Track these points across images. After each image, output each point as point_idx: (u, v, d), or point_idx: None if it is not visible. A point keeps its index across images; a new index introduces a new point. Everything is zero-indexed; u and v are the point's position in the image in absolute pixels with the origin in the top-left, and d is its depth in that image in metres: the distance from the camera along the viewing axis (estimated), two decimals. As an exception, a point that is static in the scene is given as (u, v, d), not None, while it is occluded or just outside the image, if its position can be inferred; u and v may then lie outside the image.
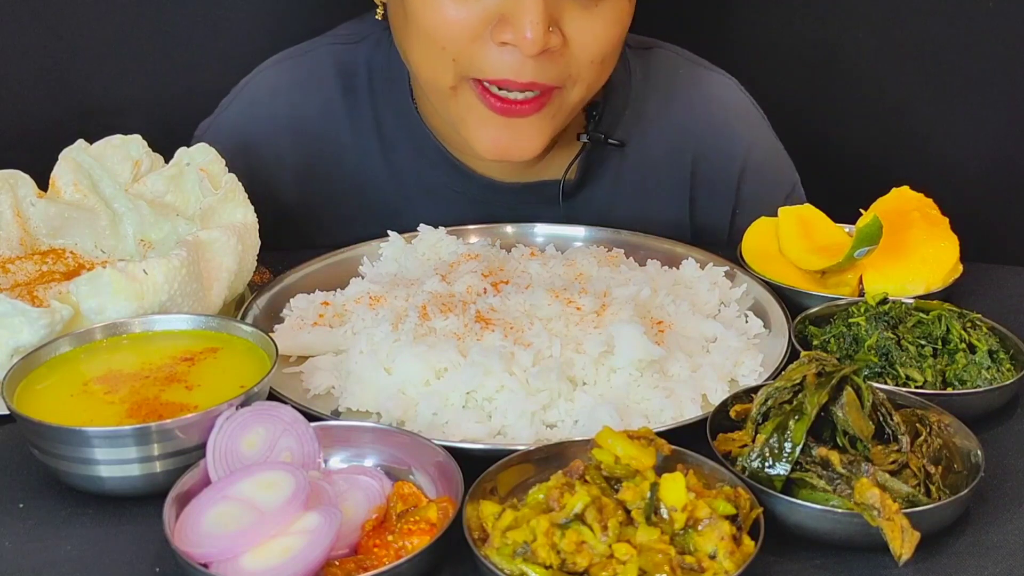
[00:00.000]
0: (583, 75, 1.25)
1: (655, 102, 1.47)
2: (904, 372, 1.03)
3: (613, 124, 1.44)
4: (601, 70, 1.28)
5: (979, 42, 1.83)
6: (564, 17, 1.21)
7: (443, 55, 1.22)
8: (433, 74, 1.26)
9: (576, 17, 1.21)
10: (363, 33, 1.44)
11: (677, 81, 1.49)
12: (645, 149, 1.46)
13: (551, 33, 1.18)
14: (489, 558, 0.75)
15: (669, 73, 1.49)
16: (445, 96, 1.27)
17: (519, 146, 1.27)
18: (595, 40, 1.23)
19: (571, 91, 1.27)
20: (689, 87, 1.49)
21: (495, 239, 1.32)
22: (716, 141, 1.48)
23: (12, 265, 1.10)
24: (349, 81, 1.43)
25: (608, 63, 1.28)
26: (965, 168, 1.88)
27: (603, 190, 1.46)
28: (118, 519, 0.86)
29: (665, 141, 1.47)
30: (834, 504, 0.82)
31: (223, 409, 0.86)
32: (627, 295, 1.12)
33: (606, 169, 1.46)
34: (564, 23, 1.21)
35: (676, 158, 1.48)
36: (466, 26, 1.19)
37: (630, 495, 0.78)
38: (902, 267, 1.20)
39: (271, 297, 1.17)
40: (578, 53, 1.23)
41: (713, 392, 1.02)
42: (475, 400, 0.98)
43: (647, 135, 1.46)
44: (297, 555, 0.75)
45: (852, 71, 1.91)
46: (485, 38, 1.20)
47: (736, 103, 1.52)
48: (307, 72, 1.44)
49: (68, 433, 0.84)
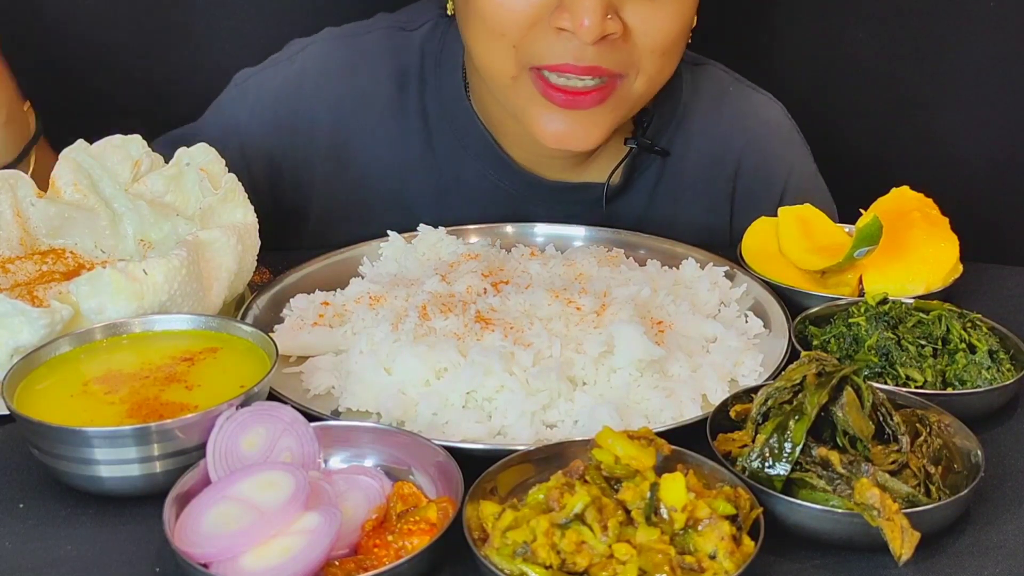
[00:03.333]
0: (645, 65, 1.26)
1: (702, 115, 1.48)
2: (904, 372, 1.03)
3: (659, 132, 1.46)
4: (664, 63, 1.28)
5: (980, 42, 1.83)
6: (625, 5, 1.21)
7: (503, 42, 1.24)
8: (494, 64, 1.27)
9: (637, 5, 1.22)
10: (420, 20, 1.45)
11: (725, 98, 1.50)
12: (687, 160, 1.48)
13: (610, 20, 1.19)
14: (489, 558, 0.75)
15: (718, 89, 1.50)
16: (506, 87, 1.29)
17: (580, 136, 1.28)
18: (657, 30, 1.24)
19: (634, 81, 1.28)
20: (736, 105, 1.51)
21: (495, 239, 1.32)
22: (759, 160, 1.49)
23: (12, 265, 1.10)
24: (400, 68, 1.44)
25: (671, 56, 1.29)
26: (965, 168, 1.88)
27: (642, 196, 1.47)
28: (118, 519, 0.86)
29: (708, 154, 1.48)
30: (834, 504, 0.82)
31: (223, 409, 0.86)
32: (627, 295, 1.12)
33: (647, 176, 1.48)
34: (624, 11, 1.22)
35: (717, 172, 1.49)
36: (525, 12, 1.21)
37: (630, 495, 0.78)
38: (902, 267, 1.20)
39: (271, 297, 1.17)
40: (639, 41, 1.24)
41: (713, 392, 1.02)
42: (475, 400, 0.98)
43: (691, 146, 1.47)
44: (297, 555, 0.75)
45: (852, 71, 1.91)
46: (544, 24, 1.21)
47: (780, 126, 1.53)
48: (360, 55, 1.44)
49: (68, 433, 0.84)
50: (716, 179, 1.49)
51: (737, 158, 1.49)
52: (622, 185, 1.46)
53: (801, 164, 1.53)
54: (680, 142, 1.47)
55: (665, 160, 1.47)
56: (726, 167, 1.49)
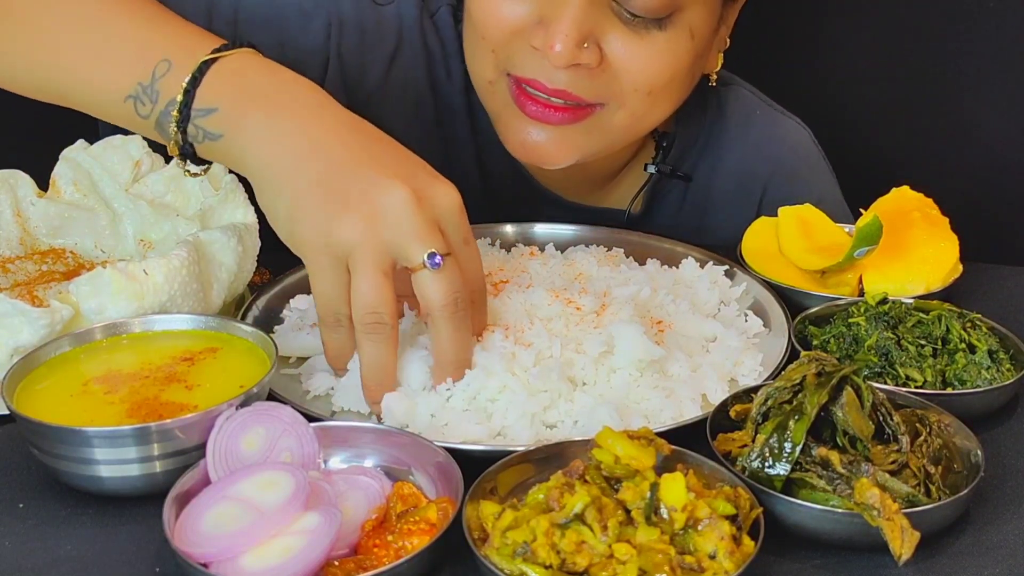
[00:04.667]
0: (627, 101, 1.21)
1: (727, 140, 1.45)
2: (904, 372, 1.03)
3: (683, 156, 1.43)
4: (651, 103, 1.22)
5: (980, 42, 1.83)
6: (607, 36, 1.17)
7: (483, 45, 1.22)
8: (475, 65, 1.26)
9: (621, 40, 1.17)
10: None
11: (752, 121, 1.47)
12: (711, 184, 1.45)
13: (586, 50, 1.15)
14: (489, 558, 0.75)
15: (745, 112, 1.47)
16: (485, 90, 1.27)
17: (549, 152, 1.24)
18: (640, 68, 1.19)
19: (615, 113, 1.23)
20: (763, 129, 1.47)
21: (495, 239, 1.32)
22: (785, 187, 1.46)
23: (12, 265, 1.10)
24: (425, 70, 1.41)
25: (661, 97, 1.23)
26: (965, 168, 1.89)
27: (664, 222, 1.45)
28: (118, 519, 0.86)
29: (733, 179, 1.45)
30: (834, 504, 0.82)
31: (223, 409, 0.86)
32: (627, 295, 1.12)
33: (669, 201, 1.46)
34: (606, 42, 1.17)
35: (742, 198, 1.46)
36: (508, 20, 1.19)
37: (630, 495, 0.78)
38: (902, 267, 1.20)
39: (271, 297, 1.17)
40: (620, 77, 1.19)
41: (713, 392, 1.02)
42: (476, 401, 0.98)
43: (716, 171, 1.45)
44: (297, 555, 0.75)
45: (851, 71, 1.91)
46: (523, 37, 1.19)
47: (808, 153, 1.50)
48: None
49: (68, 433, 0.84)
50: (741, 205, 1.46)
51: (764, 185, 1.46)
52: (644, 211, 1.44)
53: (828, 193, 1.49)
54: (704, 167, 1.44)
55: (688, 185, 1.44)
56: (752, 193, 1.46)
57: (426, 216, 0.93)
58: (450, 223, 0.95)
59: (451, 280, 0.93)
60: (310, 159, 0.95)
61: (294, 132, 0.96)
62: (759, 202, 1.47)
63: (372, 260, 0.91)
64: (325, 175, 0.94)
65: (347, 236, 0.91)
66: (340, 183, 0.93)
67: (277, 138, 0.96)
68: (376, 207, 0.91)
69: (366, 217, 0.91)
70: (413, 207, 0.92)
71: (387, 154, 0.97)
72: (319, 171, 0.94)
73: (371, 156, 0.95)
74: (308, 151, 0.95)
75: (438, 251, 0.92)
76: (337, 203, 0.92)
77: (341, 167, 0.94)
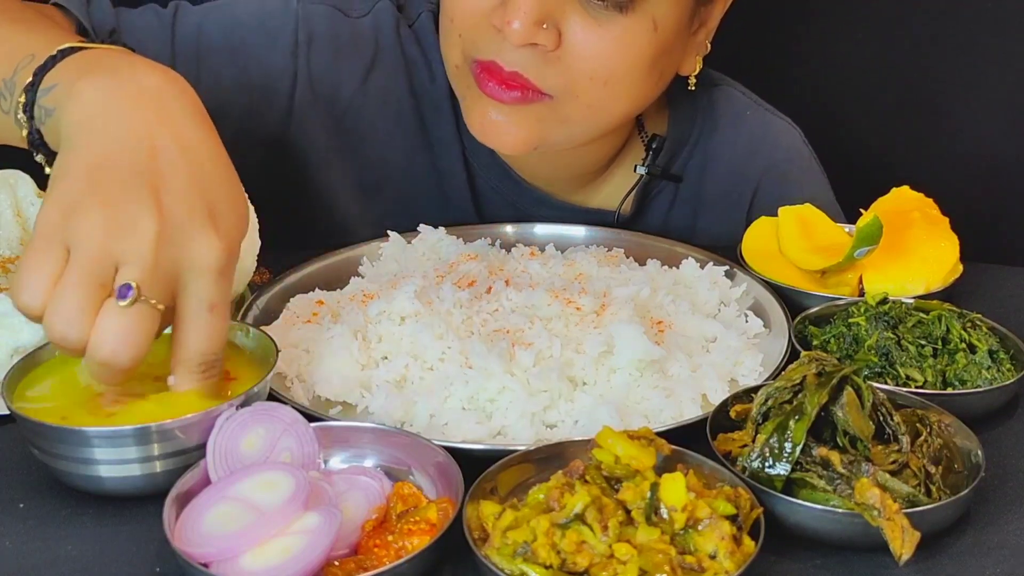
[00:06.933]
0: (581, 91, 1.21)
1: (717, 141, 1.45)
2: (904, 372, 1.03)
3: (673, 157, 1.43)
4: (606, 92, 1.21)
5: (979, 42, 1.83)
6: (567, 20, 1.17)
7: (452, 29, 1.23)
8: (446, 51, 1.27)
9: (580, 24, 1.17)
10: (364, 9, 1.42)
11: (742, 122, 1.47)
12: (702, 185, 1.45)
13: (544, 30, 1.15)
14: (489, 558, 0.75)
15: (735, 113, 1.47)
16: (453, 75, 1.28)
17: (504, 134, 1.24)
18: (595, 55, 1.18)
19: (568, 105, 1.22)
20: (754, 130, 1.47)
21: (495, 239, 1.32)
22: (776, 187, 1.46)
23: (12, 265, 1.10)
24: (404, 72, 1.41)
25: (617, 88, 1.22)
26: (965, 168, 1.89)
27: (655, 223, 1.45)
28: (118, 519, 0.86)
29: (723, 180, 1.45)
30: (834, 504, 0.82)
31: (223, 409, 0.86)
32: (627, 295, 1.12)
33: (660, 202, 1.46)
34: (566, 26, 1.17)
35: (733, 198, 1.46)
36: (473, 4, 1.20)
37: (630, 495, 0.78)
38: (902, 267, 1.20)
39: (271, 297, 1.17)
40: (575, 63, 1.19)
41: (713, 392, 1.02)
42: (476, 401, 0.98)
43: (706, 171, 1.45)
44: (297, 555, 0.75)
45: (851, 71, 1.91)
46: (486, 20, 1.20)
47: (799, 153, 1.50)
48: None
49: (68, 433, 0.84)
50: (732, 206, 1.46)
51: (754, 185, 1.46)
52: (634, 211, 1.44)
53: (820, 193, 1.49)
54: (694, 167, 1.44)
55: (678, 185, 1.44)
56: (743, 194, 1.46)
57: (163, 256, 0.82)
58: (193, 280, 0.85)
59: (129, 327, 0.81)
60: (109, 141, 0.86)
61: (116, 113, 0.88)
62: (750, 203, 1.47)
63: (88, 268, 0.81)
64: (108, 164, 0.85)
65: (81, 231, 0.82)
66: (113, 180, 0.84)
67: (95, 109, 0.88)
68: (122, 221, 0.82)
69: (108, 224, 0.82)
70: (152, 241, 0.82)
71: (185, 181, 0.86)
72: (107, 157, 0.85)
73: (165, 173, 0.85)
74: (115, 134, 0.87)
75: (137, 288, 0.81)
76: (96, 195, 0.83)
77: (128, 166, 0.85)
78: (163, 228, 0.83)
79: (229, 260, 0.86)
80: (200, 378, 0.87)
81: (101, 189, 0.84)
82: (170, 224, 0.83)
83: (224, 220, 0.87)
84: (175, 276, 0.84)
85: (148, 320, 0.82)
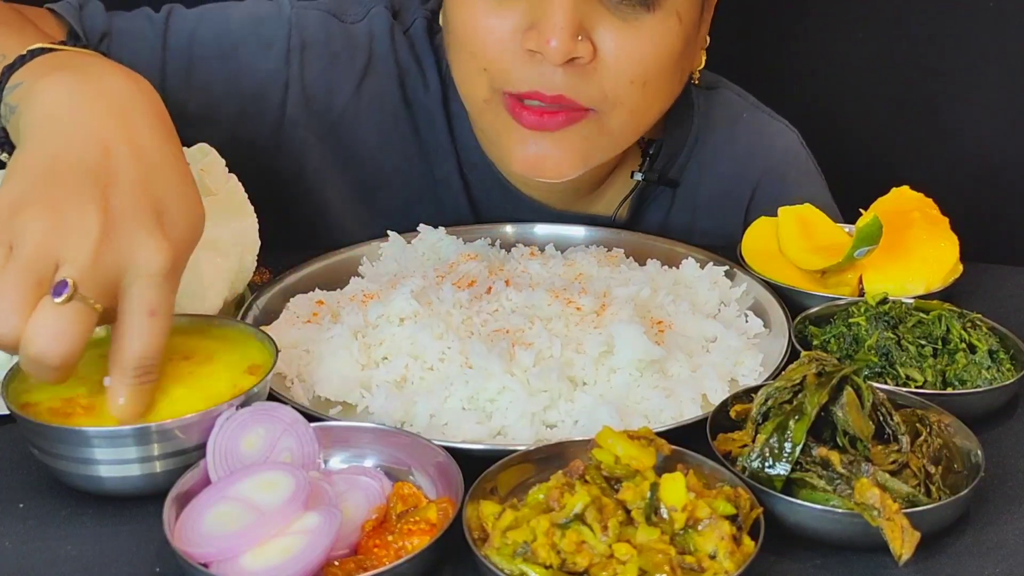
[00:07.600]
0: (623, 97, 1.20)
1: (714, 144, 1.45)
2: (904, 372, 1.03)
3: (670, 161, 1.42)
4: (645, 94, 1.21)
5: (979, 41, 1.83)
6: (598, 28, 1.16)
7: (474, 63, 1.20)
8: (468, 86, 1.24)
9: (611, 29, 1.16)
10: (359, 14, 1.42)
11: (739, 125, 1.47)
12: (699, 188, 1.45)
13: (580, 42, 1.14)
14: (489, 558, 0.75)
15: (732, 116, 1.47)
16: (480, 109, 1.25)
17: (554, 162, 1.22)
18: (631, 58, 1.18)
19: (611, 115, 1.21)
20: (751, 132, 1.47)
21: (495, 239, 1.32)
22: (773, 192, 1.45)
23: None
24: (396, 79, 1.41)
25: (654, 87, 1.22)
26: (965, 168, 1.89)
27: (652, 226, 1.45)
28: (118, 519, 0.86)
29: (721, 184, 1.45)
30: (834, 504, 0.82)
31: (223, 409, 0.86)
32: (627, 295, 1.12)
33: (657, 207, 1.45)
34: (597, 35, 1.16)
35: (730, 201, 1.46)
36: (497, 35, 1.17)
37: (630, 495, 0.78)
38: (902, 267, 1.20)
39: (271, 297, 1.17)
40: (613, 69, 1.18)
41: (713, 392, 1.02)
42: (476, 401, 0.98)
43: (703, 176, 1.44)
44: (297, 555, 0.75)
45: (851, 71, 1.91)
46: (516, 48, 1.17)
47: (797, 156, 1.50)
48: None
49: (68, 433, 0.84)
50: (729, 209, 1.46)
51: (752, 189, 1.46)
52: (631, 217, 1.44)
53: (818, 195, 1.48)
54: (692, 171, 1.44)
55: (675, 190, 1.44)
56: (740, 198, 1.46)
57: (104, 256, 0.81)
58: (135, 282, 0.83)
59: (62, 325, 0.79)
60: (63, 141, 0.85)
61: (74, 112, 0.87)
62: (747, 206, 1.46)
63: (26, 265, 0.80)
64: (59, 163, 0.84)
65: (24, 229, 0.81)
66: (62, 179, 0.83)
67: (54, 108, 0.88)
68: (66, 219, 0.81)
69: (51, 222, 0.80)
70: (94, 241, 0.80)
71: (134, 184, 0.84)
72: (59, 156, 0.84)
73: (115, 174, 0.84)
74: (69, 133, 0.86)
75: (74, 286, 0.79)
76: (43, 194, 0.82)
77: (79, 165, 0.84)
78: (106, 228, 0.81)
79: (175, 265, 0.85)
80: (135, 382, 0.84)
81: (49, 188, 0.83)
82: (114, 225, 0.82)
83: (174, 225, 0.85)
84: (117, 277, 0.82)
85: (83, 318, 0.80)
